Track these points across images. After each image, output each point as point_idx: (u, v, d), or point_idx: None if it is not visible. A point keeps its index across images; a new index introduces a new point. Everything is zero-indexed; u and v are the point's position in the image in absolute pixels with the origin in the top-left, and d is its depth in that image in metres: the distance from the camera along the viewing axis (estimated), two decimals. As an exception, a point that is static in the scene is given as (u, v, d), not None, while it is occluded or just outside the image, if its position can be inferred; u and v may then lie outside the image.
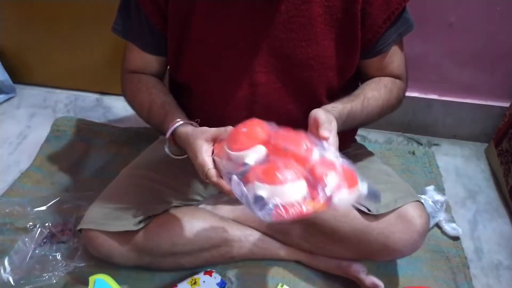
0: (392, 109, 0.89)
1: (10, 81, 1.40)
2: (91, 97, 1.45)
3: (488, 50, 1.22)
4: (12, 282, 0.89)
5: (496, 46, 1.21)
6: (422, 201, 0.92)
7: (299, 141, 0.61)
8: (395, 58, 0.87)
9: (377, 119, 0.87)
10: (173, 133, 0.78)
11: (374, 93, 0.84)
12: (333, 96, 0.86)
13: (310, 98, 0.85)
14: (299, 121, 0.85)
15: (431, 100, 1.32)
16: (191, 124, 0.78)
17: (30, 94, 1.44)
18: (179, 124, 0.77)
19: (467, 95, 1.31)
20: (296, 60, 0.80)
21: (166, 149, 0.80)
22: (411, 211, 0.87)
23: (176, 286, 0.91)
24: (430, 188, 1.16)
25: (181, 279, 0.93)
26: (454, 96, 1.32)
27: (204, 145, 0.70)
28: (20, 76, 1.44)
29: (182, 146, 0.77)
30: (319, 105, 0.84)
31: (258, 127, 0.64)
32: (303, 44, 0.79)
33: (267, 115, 0.83)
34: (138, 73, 0.90)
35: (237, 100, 0.84)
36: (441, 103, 1.32)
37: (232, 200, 0.75)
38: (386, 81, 0.87)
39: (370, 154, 1.03)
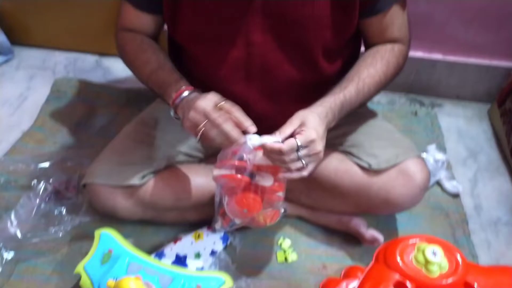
0: (391, 79, 0.87)
1: (7, 43, 1.38)
2: (91, 58, 1.44)
3: (494, 8, 1.19)
4: (19, 236, 0.91)
5: (503, 3, 1.18)
6: (425, 159, 0.92)
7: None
8: (396, 19, 0.84)
9: (375, 95, 0.86)
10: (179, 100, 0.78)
11: (370, 70, 0.82)
12: (331, 55, 0.85)
13: (306, 58, 0.84)
14: (296, 81, 0.85)
15: (435, 60, 1.30)
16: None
17: (29, 55, 1.43)
18: (189, 92, 0.78)
19: (472, 55, 1.29)
20: (291, 20, 0.79)
21: (172, 113, 0.81)
22: (412, 166, 0.88)
23: (181, 239, 0.93)
24: (432, 147, 1.16)
25: (185, 233, 0.94)
26: (459, 56, 1.30)
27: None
28: (18, 37, 1.42)
29: (182, 111, 0.78)
30: (315, 65, 0.84)
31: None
32: (299, 3, 0.77)
33: (263, 76, 0.84)
34: (136, 33, 0.89)
35: (233, 61, 0.83)
36: (445, 63, 1.30)
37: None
38: (382, 52, 0.85)
39: (372, 112, 1.02)
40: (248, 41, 0.81)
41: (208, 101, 0.74)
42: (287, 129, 0.72)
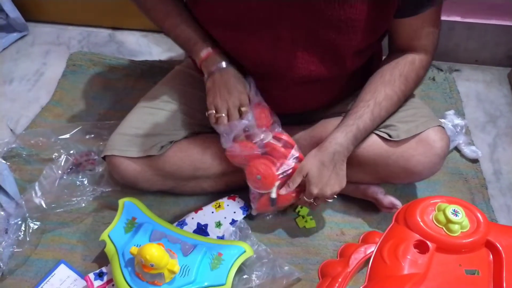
0: (410, 94, 0.88)
1: (22, 19, 1.38)
2: (104, 32, 1.44)
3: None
4: (44, 206, 0.93)
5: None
6: (443, 125, 0.91)
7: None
8: (427, 24, 0.80)
9: (393, 114, 0.87)
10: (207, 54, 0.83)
11: (387, 91, 0.83)
12: (359, 54, 0.83)
13: (335, 59, 0.81)
14: (320, 78, 0.84)
15: (453, 22, 1.27)
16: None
17: (43, 31, 1.43)
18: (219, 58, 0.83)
19: (492, 16, 1.25)
20: (325, 21, 0.75)
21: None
22: (433, 135, 0.86)
23: (202, 209, 0.94)
24: (450, 112, 1.14)
25: (205, 204, 0.96)
26: (478, 17, 1.25)
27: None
28: (32, 13, 1.42)
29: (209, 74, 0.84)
30: (342, 64, 0.83)
31: None
32: (336, 5, 0.73)
33: (289, 74, 0.82)
34: None
35: (258, 54, 0.81)
36: (464, 25, 1.27)
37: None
38: (401, 66, 0.83)
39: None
40: (277, 35, 0.78)
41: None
42: (297, 178, 0.85)
